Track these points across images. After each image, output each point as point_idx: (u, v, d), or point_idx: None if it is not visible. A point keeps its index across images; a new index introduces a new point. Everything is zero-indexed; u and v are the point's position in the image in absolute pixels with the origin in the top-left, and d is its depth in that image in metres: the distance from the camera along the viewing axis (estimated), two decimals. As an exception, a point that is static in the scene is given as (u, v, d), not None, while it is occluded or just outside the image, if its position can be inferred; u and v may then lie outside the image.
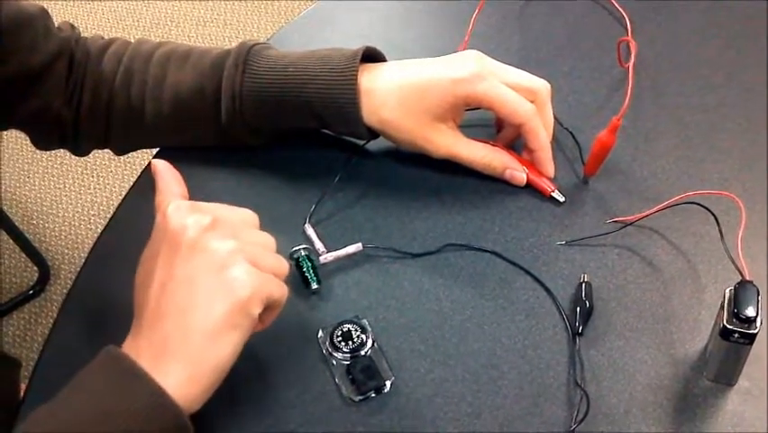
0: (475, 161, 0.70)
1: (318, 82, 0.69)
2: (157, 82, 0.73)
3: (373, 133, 0.71)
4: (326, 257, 0.67)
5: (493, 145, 0.72)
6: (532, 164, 0.71)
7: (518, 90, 0.68)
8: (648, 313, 0.61)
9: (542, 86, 0.69)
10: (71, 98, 0.74)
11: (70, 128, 0.75)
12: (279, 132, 0.75)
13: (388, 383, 0.59)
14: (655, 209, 0.67)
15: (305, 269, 0.65)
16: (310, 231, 0.69)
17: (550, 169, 0.70)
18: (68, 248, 1.80)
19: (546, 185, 0.70)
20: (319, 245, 0.68)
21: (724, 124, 0.76)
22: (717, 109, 0.77)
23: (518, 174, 0.70)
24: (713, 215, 0.64)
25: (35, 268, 1.70)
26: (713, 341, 0.57)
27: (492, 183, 0.71)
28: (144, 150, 0.81)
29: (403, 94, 0.68)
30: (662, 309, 0.63)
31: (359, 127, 0.70)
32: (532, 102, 0.68)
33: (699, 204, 0.66)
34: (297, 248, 0.66)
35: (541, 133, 0.69)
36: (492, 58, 0.69)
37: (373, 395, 0.59)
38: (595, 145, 0.70)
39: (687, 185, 0.71)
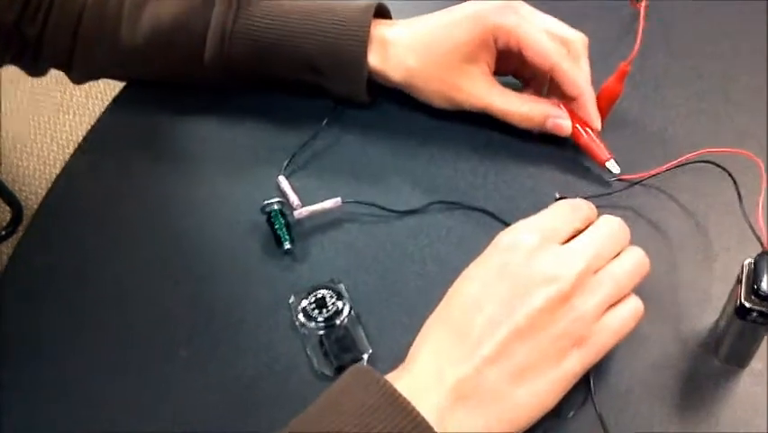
0: (510, 112, 0.63)
1: (324, 32, 0.63)
2: (136, 4, 0.66)
3: (372, 95, 0.66)
4: (301, 212, 0.61)
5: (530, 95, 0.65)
6: (581, 120, 0.62)
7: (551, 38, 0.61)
8: (654, 283, 0.54)
9: (577, 37, 0.63)
10: (35, 14, 0.67)
11: (31, 46, 0.68)
12: (264, 81, 0.68)
13: (365, 357, 0.53)
14: (665, 167, 0.60)
15: (277, 226, 0.59)
16: (284, 183, 0.63)
17: (596, 119, 0.62)
18: (41, 188, 1.75)
19: (602, 151, 0.62)
20: (293, 198, 0.62)
21: (740, 74, 0.69)
22: (733, 58, 0.71)
23: (563, 122, 0.62)
24: (730, 175, 0.58)
25: (8, 208, 1.63)
26: (726, 318, 0.51)
27: (487, 133, 0.65)
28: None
29: (429, 38, 0.63)
30: (670, 279, 0.57)
31: (360, 85, 0.64)
32: None
33: (713, 163, 0.60)
34: (269, 201, 0.60)
35: (579, 76, 0.61)
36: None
37: (349, 369, 0.53)
38: (600, 94, 0.63)
39: (700, 140, 0.64)
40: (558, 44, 0.61)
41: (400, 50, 0.63)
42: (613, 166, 0.61)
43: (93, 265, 0.60)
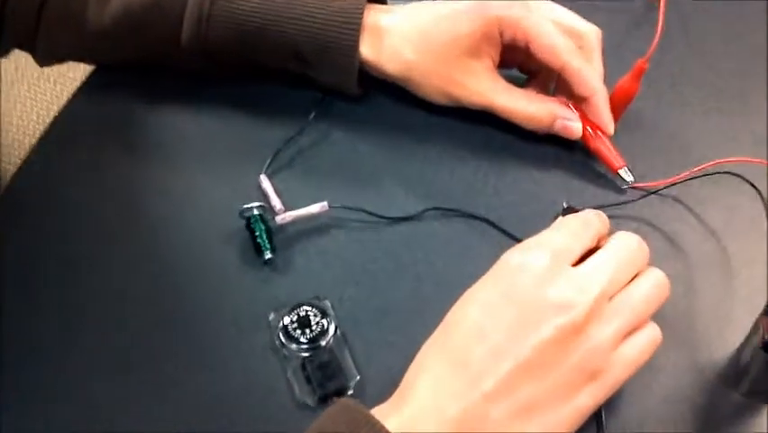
0: (515, 111, 0.57)
1: (311, 18, 0.57)
2: None
3: (363, 87, 0.61)
4: (284, 217, 0.55)
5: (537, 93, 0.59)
6: (592, 122, 0.57)
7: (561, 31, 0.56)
8: (669, 306, 0.50)
9: (590, 30, 0.57)
10: None
11: None
12: (247, 69, 0.62)
13: (352, 384, 0.48)
14: (682, 176, 0.55)
15: (257, 232, 0.54)
16: (266, 184, 0.57)
17: (609, 122, 0.57)
18: (20, 159, 1.68)
19: (615, 157, 0.57)
20: (276, 202, 0.56)
21: (759, 71, 0.64)
22: (752, 54, 0.65)
23: (572, 124, 0.57)
24: (754, 186, 0.53)
25: (-19, 181, 1.57)
26: (751, 350, 0.46)
27: (488, 132, 0.60)
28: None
29: (428, 28, 0.57)
30: (686, 302, 0.52)
31: (351, 76, 0.59)
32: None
33: (734, 174, 0.55)
34: (249, 205, 0.55)
35: (591, 74, 0.56)
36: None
37: (334, 399, 0.48)
38: (614, 94, 0.58)
39: (719, 143, 0.59)
40: (569, 39, 0.55)
41: (396, 40, 0.58)
42: (626, 174, 0.56)
43: (56, 258, 0.54)
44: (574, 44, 0.56)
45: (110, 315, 0.52)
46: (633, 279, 0.45)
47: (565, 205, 0.54)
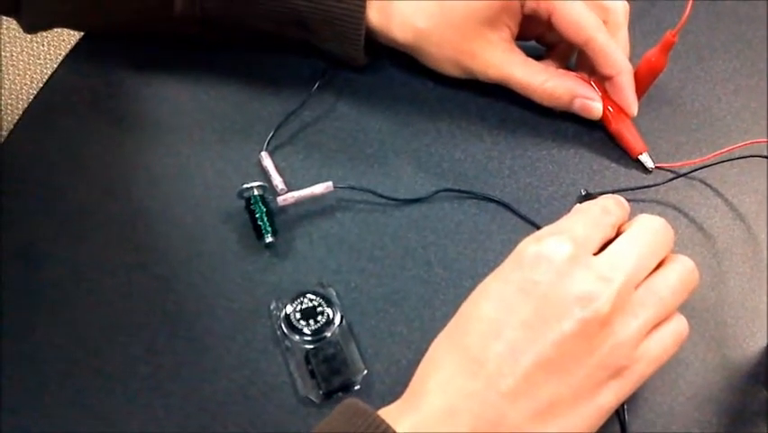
0: (532, 87, 0.54)
1: None
2: None
3: (371, 55, 0.57)
4: (286, 198, 0.52)
5: (557, 68, 0.56)
6: (614, 102, 0.54)
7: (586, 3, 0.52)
8: (696, 297, 0.47)
9: (617, 4, 0.54)
10: None
11: None
12: (245, 37, 0.58)
13: (358, 378, 0.45)
14: (711, 157, 0.52)
15: (257, 214, 0.50)
16: (267, 161, 0.54)
17: (633, 103, 0.54)
18: (14, 123, 1.65)
19: (636, 141, 0.53)
20: (278, 181, 0.53)
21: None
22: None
23: (593, 104, 0.54)
24: (789, 171, 0.50)
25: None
26: (785, 348, 0.43)
27: (504, 108, 0.56)
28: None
29: None
30: (714, 294, 0.49)
31: (357, 45, 0.55)
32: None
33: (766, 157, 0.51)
34: (249, 185, 0.51)
35: (616, 52, 0.52)
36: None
37: (340, 395, 0.45)
38: (640, 69, 0.54)
39: (750, 122, 0.56)
40: (595, 13, 0.52)
41: (407, 5, 0.54)
42: (647, 160, 0.53)
43: (42, 245, 0.51)
44: (600, 19, 0.52)
45: (94, 302, 0.48)
46: (658, 266, 0.42)
47: (583, 192, 0.51)
